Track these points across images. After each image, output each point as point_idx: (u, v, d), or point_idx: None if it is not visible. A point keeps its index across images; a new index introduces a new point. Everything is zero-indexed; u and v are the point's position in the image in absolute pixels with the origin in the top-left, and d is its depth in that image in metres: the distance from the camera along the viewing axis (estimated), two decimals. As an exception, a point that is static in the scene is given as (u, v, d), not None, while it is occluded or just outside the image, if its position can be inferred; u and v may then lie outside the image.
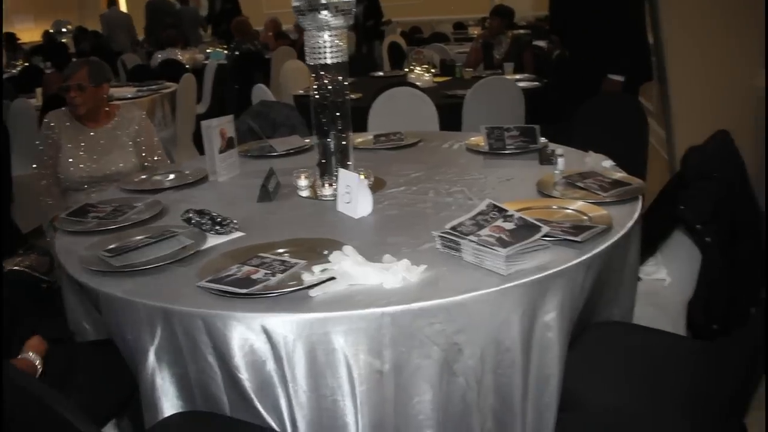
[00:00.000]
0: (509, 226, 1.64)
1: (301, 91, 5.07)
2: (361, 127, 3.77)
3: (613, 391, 1.68)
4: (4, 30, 11.60)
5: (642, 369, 1.75)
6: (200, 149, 5.60)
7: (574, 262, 1.59)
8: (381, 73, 6.35)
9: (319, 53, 2.10)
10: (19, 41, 11.14)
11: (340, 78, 2.14)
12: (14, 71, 8.38)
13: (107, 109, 3.09)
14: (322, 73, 2.13)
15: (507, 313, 1.50)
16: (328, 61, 2.11)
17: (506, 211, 1.70)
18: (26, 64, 8.87)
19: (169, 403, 1.60)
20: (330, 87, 2.13)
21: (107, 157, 3.01)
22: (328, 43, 2.10)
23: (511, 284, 1.49)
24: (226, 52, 8.75)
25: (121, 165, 3.01)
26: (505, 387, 1.54)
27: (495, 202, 1.74)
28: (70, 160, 2.99)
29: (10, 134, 3.98)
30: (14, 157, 4.10)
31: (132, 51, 9.87)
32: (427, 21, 12.96)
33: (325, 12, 2.05)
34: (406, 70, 5.58)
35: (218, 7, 10.62)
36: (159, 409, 1.59)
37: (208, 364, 1.51)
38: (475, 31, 9.98)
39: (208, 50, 9.10)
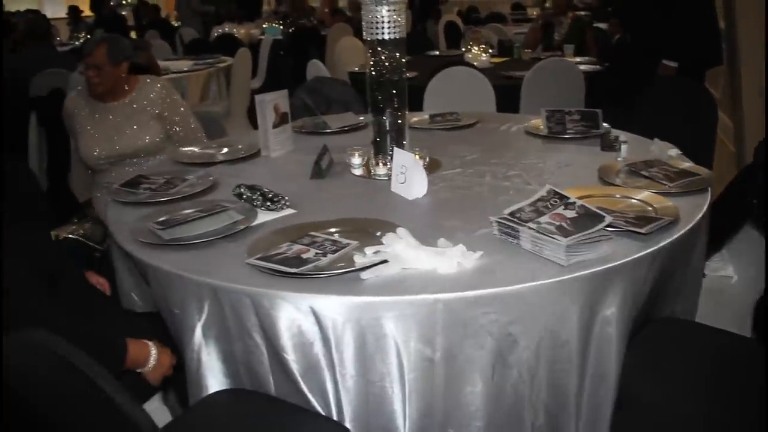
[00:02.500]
0: (570, 214, 1.57)
1: (356, 68, 5.02)
2: (416, 106, 3.70)
3: (672, 392, 1.59)
4: (69, 3, 11.88)
5: (703, 370, 1.66)
6: (254, 124, 5.63)
7: (639, 255, 1.51)
8: (437, 52, 6.25)
9: (377, 28, 2.04)
10: (82, 13, 11.35)
11: (398, 54, 2.08)
12: (77, 43, 8.53)
13: (126, 86, 2.97)
14: (379, 48, 2.07)
15: (566, 305, 1.43)
16: (386, 37, 2.04)
17: (568, 198, 1.62)
18: (88, 36, 9.02)
19: (215, 380, 1.57)
20: (387, 63, 2.07)
21: (125, 135, 2.90)
22: (386, 17, 2.03)
23: (571, 275, 1.42)
24: (281, 28, 8.76)
25: (139, 140, 2.91)
26: (560, 382, 1.48)
27: (556, 189, 1.66)
28: (87, 141, 2.91)
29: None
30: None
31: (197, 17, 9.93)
32: (484, 1, 12.76)
33: (384, -15, 1.99)
34: (463, 49, 5.47)
35: None
36: (204, 386, 1.57)
37: (254, 343, 1.48)
38: (533, 12, 9.78)
39: (264, 25, 9.11)
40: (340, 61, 5.67)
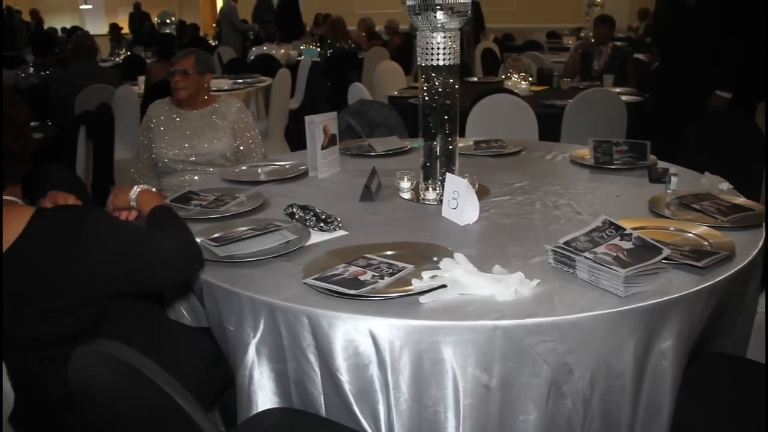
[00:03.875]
0: (627, 245, 1.56)
1: (396, 93, 5.06)
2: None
3: (722, 428, 1.58)
4: (110, 21, 12.16)
5: (753, 408, 1.64)
6: (291, 144, 5.69)
7: (696, 288, 1.50)
8: (475, 78, 6.27)
9: (431, 54, 2.06)
10: (122, 30, 11.59)
11: (451, 80, 2.09)
12: (118, 60, 8.70)
13: (206, 97, 3.16)
14: (433, 74, 2.08)
15: (622, 336, 1.42)
16: (441, 63, 2.06)
17: (623, 229, 1.62)
18: (128, 53, 9.21)
19: (265, 398, 1.58)
20: (440, 89, 2.09)
21: (200, 138, 3.06)
22: (442, 44, 2.05)
23: (629, 307, 1.42)
24: (318, 50, 8.86)
25: (213, 146, 3.05)
26: (613, 413, 1.47)
27: (611, 219, 1.66)
28: (165, 142, 3.06)
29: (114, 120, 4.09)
30: (117, 142, 4.21)
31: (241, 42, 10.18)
32: (519, 28, 12.80)
33: (440, 13, 2.01)
34: (503, 77, 5.49)
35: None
36: (254, 404, 1.58)
37: (308, 362, 1.49)
38: (569, 41, 9.77)
39: (301, 47, 9.23)
40: (378, 84, 5.71)
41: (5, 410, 1.46)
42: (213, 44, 11.06)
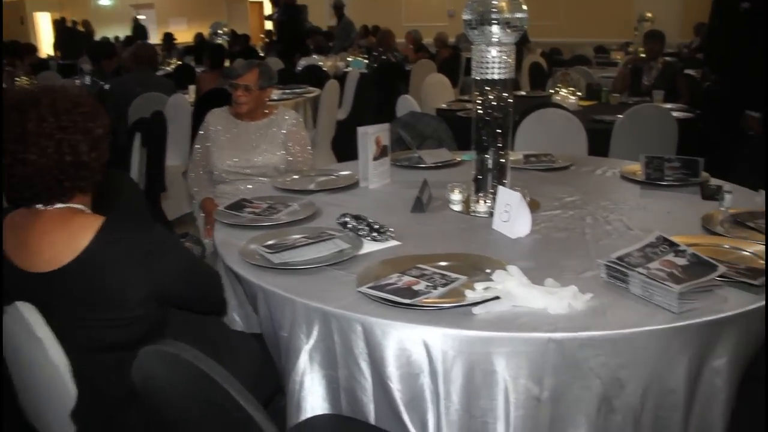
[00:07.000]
0: (681, 261, 1.56)
1: (444, 105, 5.08)
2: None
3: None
4: (163, 30, 12.43)
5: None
6: (337, 154, 5.74)
7: (752, 306, 1.48)
8: (523, 93, 6.26)
9: (486, 68, 2.08)
10: (175, 41, 11.84)
11: (505, 94, 2.11)
12: (169, 69, 8.89)
13: (266, 110, 3.19)
14: (487, 88, 2.10)
15: (675, 352, 1.42)
16: (495, 77, 2.08)
17: (678, 245, 1.61)
18: (179, 62, 9.41)
19: (315, 404, 1.60)
20: (494, 103, 2.10)
21: (255, 150, 3.10)
22: (497, 58, 2.07)
23: (683, 323, 1.41)
24: (366, 61, 8.94)
25: (267, 159, 3.09)
26: (664, 430, 1.46)
27: (665, 235, 1.66)
28: (221, 153, 3.10)
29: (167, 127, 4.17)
30: (168, 149, 4.30)
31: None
32: (566, 43, 12.71)
33: (496, 27, 2.03)
34: (551, 91, 5.47)
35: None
36: (303, 409, 1.60)
37: (359, 370, 1.51)
38: (617, 56, 9.67)
39: (348, 58, 9.31)
40: (425, 97, 5.74)
41: (67, 406, 1.51)
42: (261, 55, 11.23)
